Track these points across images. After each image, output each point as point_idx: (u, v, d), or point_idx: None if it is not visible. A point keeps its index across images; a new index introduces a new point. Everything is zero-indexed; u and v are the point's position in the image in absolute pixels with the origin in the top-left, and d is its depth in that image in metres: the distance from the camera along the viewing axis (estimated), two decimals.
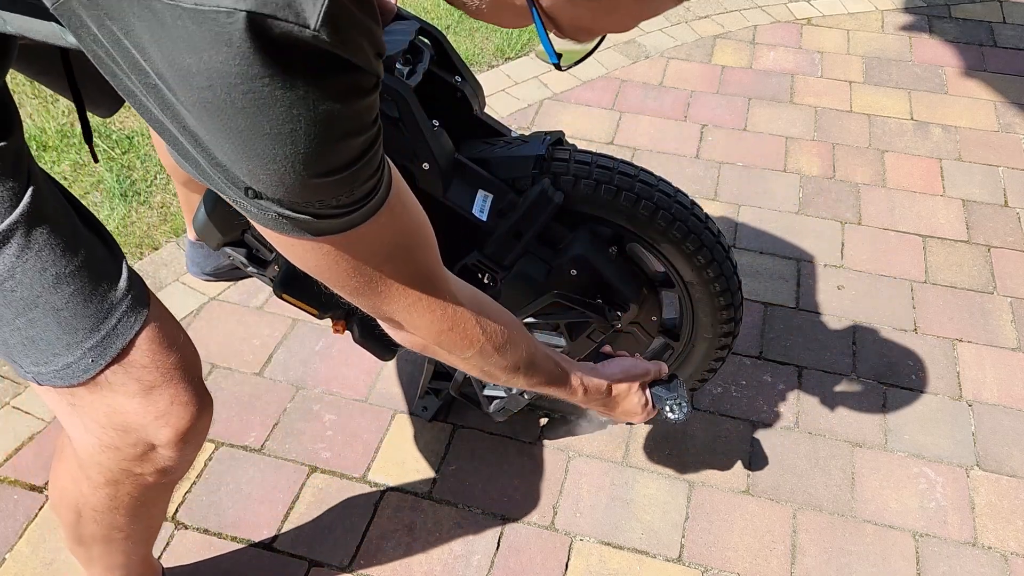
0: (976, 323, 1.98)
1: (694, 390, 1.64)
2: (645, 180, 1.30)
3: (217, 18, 0.54)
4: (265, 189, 0.66)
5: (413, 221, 0.84)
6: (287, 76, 0.58)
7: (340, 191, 0.69)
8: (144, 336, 0.91)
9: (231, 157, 0.64)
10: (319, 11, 0.56)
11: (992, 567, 1.52)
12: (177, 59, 0.58)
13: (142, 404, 0.93)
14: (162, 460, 0.99)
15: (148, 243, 2.06)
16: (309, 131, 0.61)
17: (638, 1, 0.62)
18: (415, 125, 1.19)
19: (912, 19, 3.15)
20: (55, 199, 0.88)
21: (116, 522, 1.09)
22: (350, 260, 0.79)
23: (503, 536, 1.54)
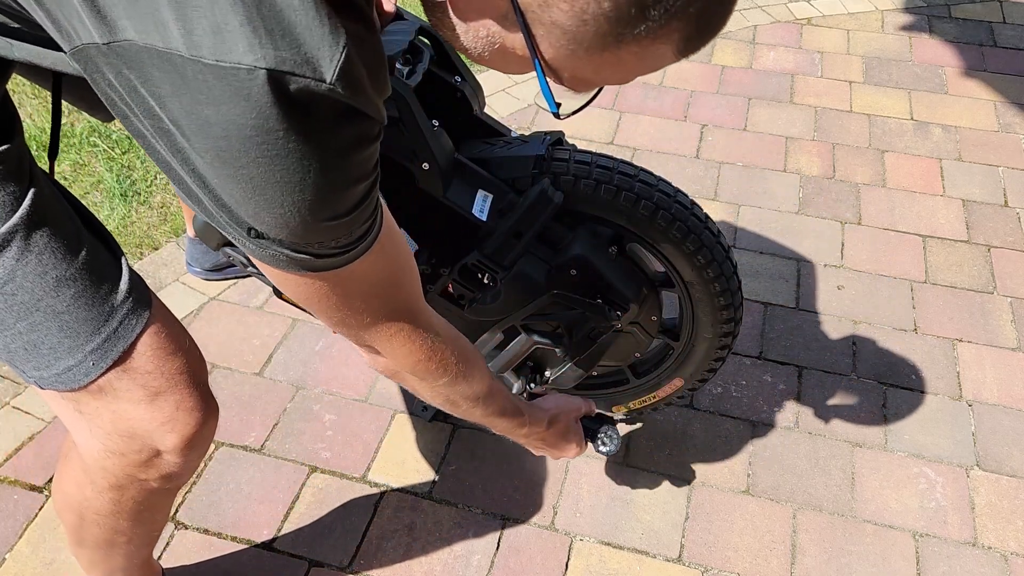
0: (976, 323, 1.98)
1: (693, 390, 1.64)
2: (645, 180, 1.30)
3: (237, 74, 0.56)
4: (269, 231, 0.68)
5: (400, 255, 0.87)
6: (302, 128, 0.59)
7: (340, 233, 0.71)
8: (147, 341, 0.91)
9: (238, 201, 0.66)
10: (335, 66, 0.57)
11: (992, 567, 1.52)
12: (195, 110, 0.59)
13: (147, 410, 0.93)
14: (167, 466, 0.99)
15: (148, 243, 2.06)
16: (319, 179, 0.63)
17: (639, 58, 0.62)
18: (415, 125, 1.19)
19: (912, 19, 3.15)
20: (56, 202, 0.88)
21: (119, 526, 1.09)
22: (340, 294, 0.82)
23: (503, 536, 1.54)
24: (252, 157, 0.61)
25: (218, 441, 1.66)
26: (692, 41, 0.61)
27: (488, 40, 0.65)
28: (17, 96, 2.47)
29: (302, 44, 0.56)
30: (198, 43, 0.56)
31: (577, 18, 0.58)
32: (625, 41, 0.59)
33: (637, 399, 1.60)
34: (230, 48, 0.56)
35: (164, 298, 1.92)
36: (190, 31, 0.56)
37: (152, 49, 0.58)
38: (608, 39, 0.59)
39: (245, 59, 0.56)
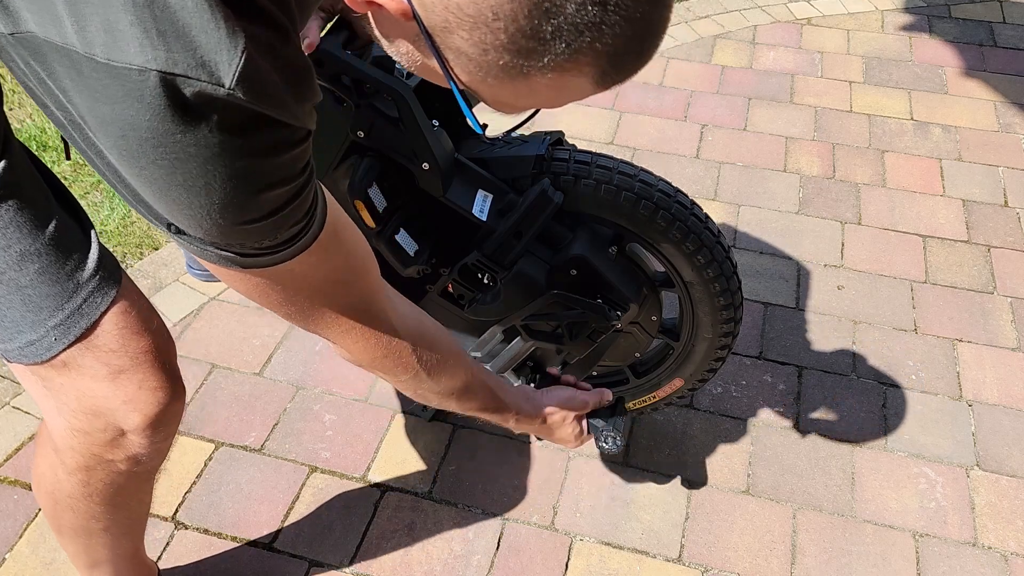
0: (976, 323, 1.98)
1: (693, 390, 1.64)
2: (645, 180, 1.30)
3: (129, 75, 0.55)
4: (186, 229, 0.67)
5: (348, 255, 0.85)
6: (200, 133, 0.58)
7: (263, 236, 0.69)
8: (113, 319, 0.91)
9: (150, 198, 0.65)
10: (234, 70, 0.55)
11: (992, 567, 1.52)
12: (95, 107, 0.58)
13: (110, 388, 0.93)
14: (133, 446, 0.99)
15: (148, 243, 2.06)
16: (226, 185, 0.61)
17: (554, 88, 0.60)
18: (415, 125, 1.19)
19: (912, 19, 3.15)
20: (28, 175, 0.87)
21: (92, 511, 1.09)
22: (280, 291, 0.81)
23: (503, 536, 1.54)
24: (151, 159, 0.60)
25: (218, 441, 1.67)
26: (608, 75, 0.60)
27: (410, 57, 0.65)
28: (17, 96, 2.47)
29: (197, 47, 0.54)
30: (91, 40, 0.55)
31: (478, 47, 0.57)
32: (532, 72, 0.58)
33: (637, 399, 1.60)
34: (121, 48, 0.54)
35: (164, 298, 1.93)
36: (83, 28, 0.55)
37: (51, 43, 0.57)
38: (513, 70, 0.58)
39: (136, 60, 0.54)
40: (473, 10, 0.54)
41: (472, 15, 0.54)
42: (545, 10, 0.53)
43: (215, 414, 1.71)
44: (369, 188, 1.25)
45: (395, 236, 1.30)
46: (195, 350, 1.83)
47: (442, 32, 0.57)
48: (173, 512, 1.55)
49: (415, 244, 1.32)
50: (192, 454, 1.64)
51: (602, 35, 0.55)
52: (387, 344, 0.95)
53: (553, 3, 0.52)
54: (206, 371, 1.79)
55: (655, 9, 0.56)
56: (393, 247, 1.30)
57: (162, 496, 1.57)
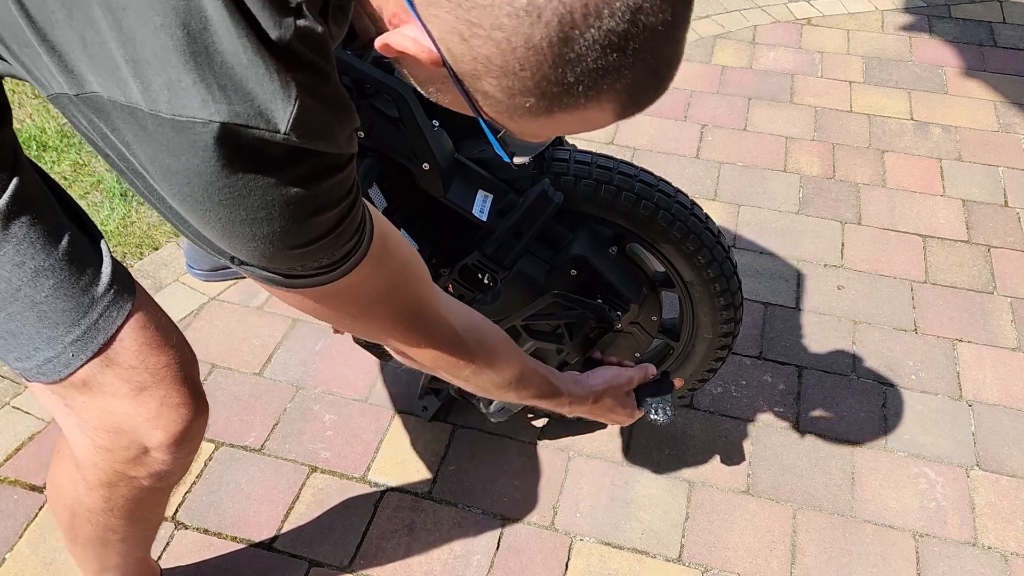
0: (976, 323, 1.98)
1: (693, 390, 1.64)
2: (645, 180, 1.30)
3: (194, 127, 0.59)
4: (249, 260, 0.71)
5: (398, 263, 0.87)
6: (260, 172, 0.63)
7: (320, 256, 0.73)
8: (131, 336, 0.90)
9: (215, 236, 0.69)
10: (289, 117, 0.60)
11: (992, 567, 1.52)
12: (158, 159, 0.62)
13: (132, 406, 0.92)
14: (156, 464, 0.99)
15: (148, 243, 2.06)
16: (284, 212, 0.65)
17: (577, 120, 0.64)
18: (415, 125, 1.19)
19: (912, 19, 3.15)
20: (38, 191, 0.87)
21: (111, 524, 1.09)
22: (339, 306, 0.84)
23: (503, 536, 1.54)
24: (216, 201, 0.64)
25: (218, 441, 1.66)
26: (628, 108, 0.64)
27: (438, 95, 0.69)
28: (17, 96, 2.47)
29: (254, 98, 0.59)
30: (155, 98, 0.59)
31: (506, 93, 0.61)
32: (556, 111, 0.62)
33: None
34: (185, 103, 0.58)
35: (164, 298, 1.93)
36: (148, 87, 0.59)
37: (116, 102, 0.61)
38: (538, 110, 0.62)
39: (200, 113, 0.58)
40: (501, 61, 0.58)
41: (500, 65, 0.59)
42: (568, 60, 0.57)
43: (215, 414, 1.71)
44: (369, 188, 1.25)
45: None
46: (195, 350, 1.82)
47: (471, 78, 0.62)
48: (173, 512, 1.55)
49: (415, 244, 1.32)
50: None
51: (621, 76, 0.59)
52: (448, 342, 0.97)
53: (575, 52, 0.57)
54: (206, 371, 1.79)
55: (669, 46, 0.60)
56: None
57: None
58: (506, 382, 1.09)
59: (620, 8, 0.55)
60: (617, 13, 0.55)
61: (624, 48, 0.57)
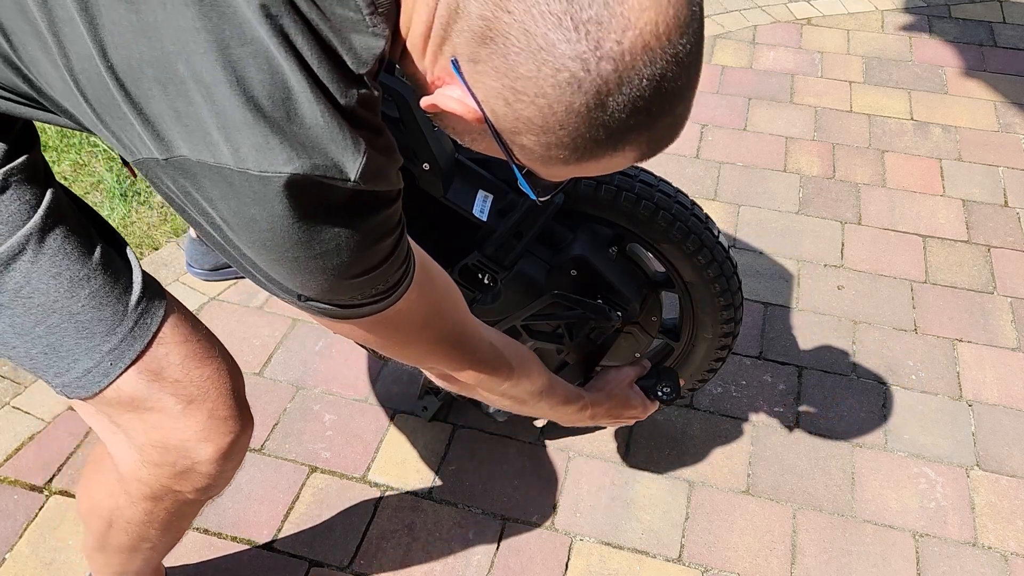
0: (976, 323, 1.98)
1: (694, 390, 1.64)
2: (645, 180, 1.30)
3: (280, 180, 0.67)
4: (314, 295, 0.78)
5: (439, 287, 0.94)
6: (330, 212, 0.71)
7: (378, 283, 0.80)
8: (175, 350, 0.92)
9: (285, 277, 0.76)
10: (358, 168, 0.69)
11: (992, 567, 1.52)
12: (242, 210, 0.70)
13: (180, 420, 0.93)
14: (203, 478, 0.99)
15: (148, 243, 2.06)
16: (348, 244, 0.73)
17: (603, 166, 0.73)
18: (415, 125, 1.19)
19: (912, 19, 3.15)
20: (70, 208, 0.89)
21: (147, 535, 1.10)
22: (390, 333, 0.90)
23: (503, 536, 1.54)
24: (294, 242, 0.71)
25: None
26: (647, 154, 0.73)
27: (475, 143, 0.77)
28: None
29: (330, 154, 0.68)
30: (244, 157, 0.67)
31: (543, 147, 0.70)
32: (584, 160, 0.71)
33: None
34: (271, 160, 0.66)
35: None
36: (237, 148, 0.66)
37: (204, 164, 0.68)
38: (570, 160, 0.71)
39: (286, 168, 0.67)
40: (542, 122, 0.67)
41: (540, 126, 0.67)
42: (601, 122, 0.66)
43: None
44: None
45: None
46: None
47: (511, 133, 0.70)
48: None
49: None
50: None
51: (644, 131, 0.69)
52: (487, 359, 1.04)
53: (608, 115, 0.66)
54: None
55: (684, 103, 0.70)
56: None
57: None
58: (539, 390, 1.16)
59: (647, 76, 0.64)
60: (644, 81, 0.64)
61: (649, 110, 0.66)
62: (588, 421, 1.35)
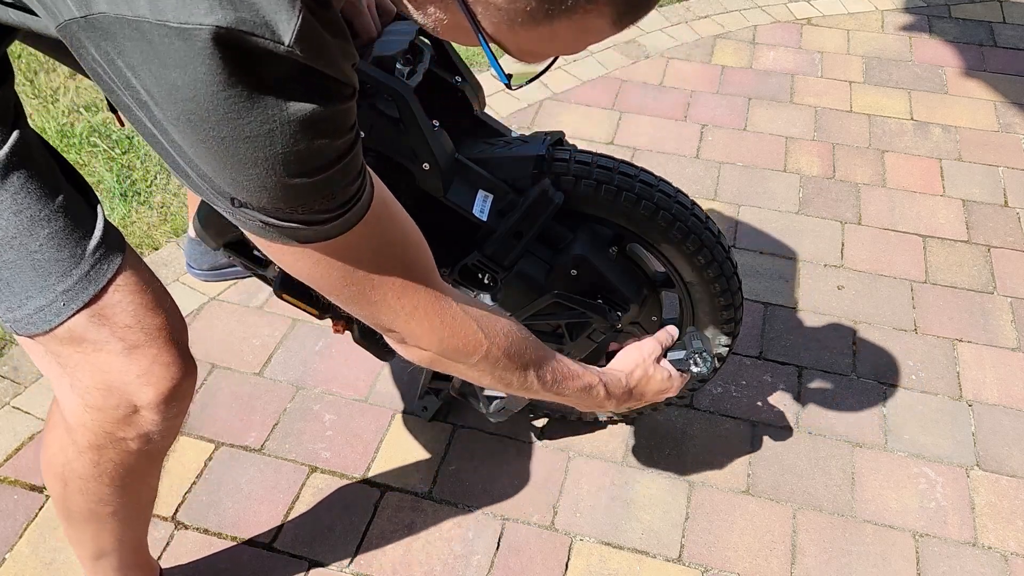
0: (976, 323, 1.98)
1: (694, 390, 1.64)
2: (645, 180, 1.30)
3: (200, 34, 0.61)
4: (249, 197, 0.71)
5: (401, 231, 0.88)
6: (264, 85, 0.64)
7: (320, 195, 0.73)
8: (129, 296, 0.93)
9: (215, 168, 0.69)
10: (293, 29, 0.63)
11: (992, 567, 1.52)
12: (164, 75, 0.64)
13: (124, 363, 0.95)
14: (145, 423, 1.00)
15: (148, 243, 2.06)
16: (285, 131, 0.66)
17: (575, 31, 0.67)
18: (415, 125, 1.19)
19: (912, 19, 3.15)
20: (39, 149, 0.91)
21: (101, 493, 1.09)
22: (340, 268, 0.82)
23: (503, 536, 1.54)
24: (221, 114, 0.65)
25: (218, 441, 1.66)
26: (626, 15, 0.66)
27: (437, 19, 0.71)
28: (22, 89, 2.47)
29: (260, 8, 0.62)
30: (162, 9, 0.61)
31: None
32: (557, 16, 0.64)
33: None
34: (191, 11, 0.61)
35: None
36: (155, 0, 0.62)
37: (123, 19, 0.63)
38: (539, 15, 0.65)
39: (207, 19, 0.61)
40: None
41: None
42: None
43: (215, 414, 1.71)
44: None
45: None
46: (195, 350, 1.81)
47: None
48: (173, 512, 1.55)
49: None
50: (192, 454, 1.64)
51: None
52: (452, 323, 0.94)
53: None
54: (206, 371, 1.79)
55: None
56: None
57: (162, 496, 1.57)
58: (524, 367, 1.05)
59: None
60: None
61: None
62: (611, 406, 1.21)
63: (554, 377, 1.09)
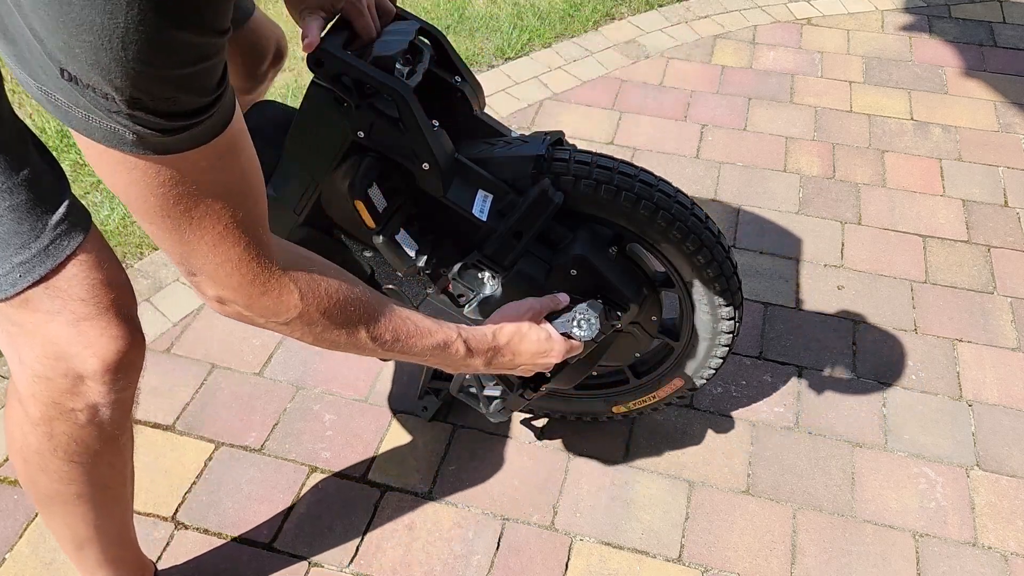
0: (976, 323, 1.98)
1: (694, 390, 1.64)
2: (645, 180, 1.30)
3: None
4: (79, 70, 0.63)
5: (242, 176, 0.81)
6: None
7: (161, 93, 0.66)
8: (85, 271, 0.94)
9: (48, 25, 0.62)
10: None
11: (992, 567, 1.52)
12: None
13: (72, 333, 0.96)
14: (91, 394, 1.01)
15: (148, 243, 2.06)
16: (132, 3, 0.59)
17: None
18: (415, 125, 1.19)
19: (912, 19, 3.15)
20: (9, 120, 0.91)
21: (60, 470, 1.09)
22: (160, 195, 0.75)
23: (503, 536, 1.54)
24: None
25: (218, 441, 1.67)
26: None
27: None
28: (17, 96, 2.47)
29: None
30: None
31: None
32: None
33: (637, 399, 1.60)
34: None
35: (164, 298, 1.93)
36: None
37: None
38: None
39: None
40: None
41: None
42: None
43: (215, 414, 1.71)
44: (369, 188, 1.25)
45: (395, 236, 1.30)
46: (195, 350, 1.83)
47: None
48: (173, 512, 1.55)
49: (415, 244, 1.32)
50: (192, 454, 1.64)
51: None
52: (267, 280, 0.88)
53: None
54: (206, 371, 1.79)
55: None
56: (393, 247, 1.30)
57: (162, 496, 1.57)
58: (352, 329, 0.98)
59: None
60: None
61: None
62: (479, 364, 1.13)
63: (395, 336, 1.03)
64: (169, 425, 1.69)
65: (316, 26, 1.18)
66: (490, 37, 2.92)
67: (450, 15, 3.02)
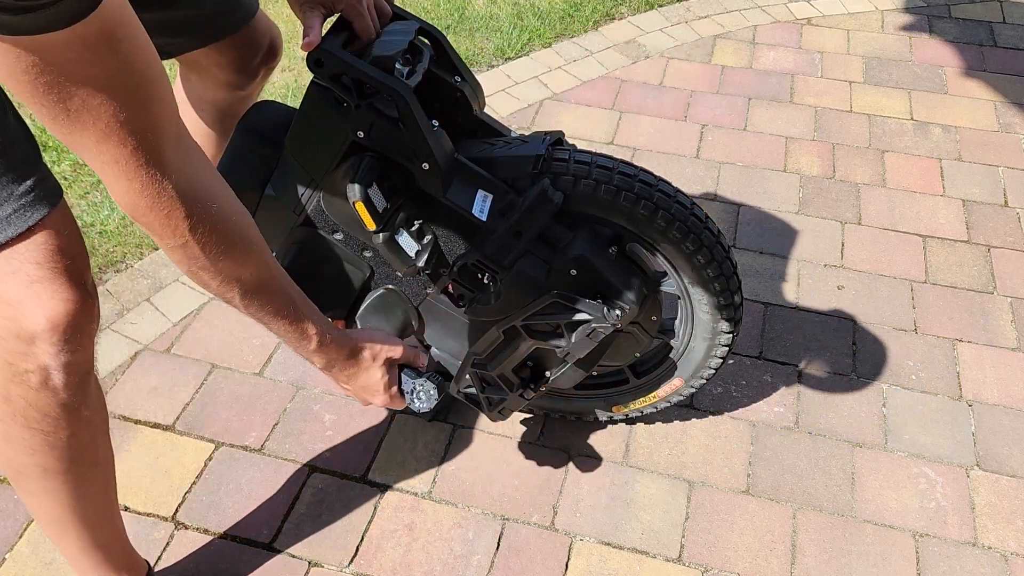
0: (976, 323, 1.98)
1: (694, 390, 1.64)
2: (645, 180, 1.30)
3: None
4: None
5: (122, 69, 0.76)
6: None
7: None
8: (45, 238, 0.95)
9: None
10: None
11: (992, 567, 1.52)
12: None
13: (25, 292, 0.97)
14: (41, 355, 1.01)
15: (148, 243, 2.06)
16: None
17: None
18: (415, 125, 1.19)
19: (912, 19, 3.15)
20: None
21: (23, 438, 1.09)
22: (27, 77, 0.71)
23: (503, 536, 1.54)
24: None
25: (218, 441, 1.67)
26: None
27: None
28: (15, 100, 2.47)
29: None
30: None
31: None
32: None
33: (637, 399, 1.60)
34: None
35: (164, 298, 1.93)
36: None
37: None
38: None
39: None
40: None
41: None
42: None
43: (215, 414, 1.71)
44: (369, 188, 1.25)
45: (395, 236, 1.30)
46: (195, 350, 1.83)
47: None
48: (173, 512, 1.55)
49: (415, 244, 1.32)
50: (192, 454, 1.64)
51: None
52: (158, 196, 0.86)
53: None
54: (206, 371, 1.79)
55: None
56: (393, 247, 1.30)
57: (162, 496, 1.57)
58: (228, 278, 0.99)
59: None
60: None
61: None
62: (318, 361, 1.19)
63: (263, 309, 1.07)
64: (169, 425, 1.69)
65: (317, 23, 1.18)
66: (490, 37, 2.92)
67: (450, 15, 3.02)
